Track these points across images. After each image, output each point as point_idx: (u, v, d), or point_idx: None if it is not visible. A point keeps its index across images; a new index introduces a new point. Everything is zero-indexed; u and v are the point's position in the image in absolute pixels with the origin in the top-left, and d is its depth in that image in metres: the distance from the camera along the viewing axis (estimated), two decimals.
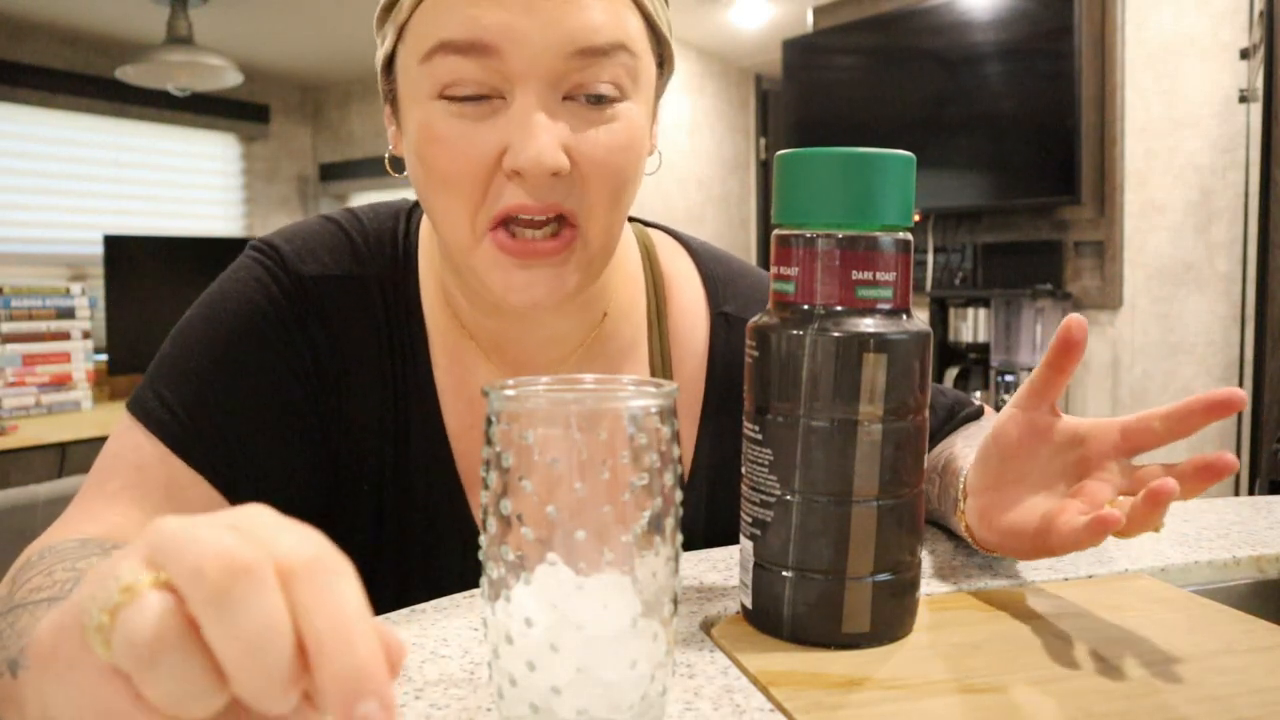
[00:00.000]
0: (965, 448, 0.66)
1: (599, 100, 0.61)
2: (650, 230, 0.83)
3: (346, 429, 0.71)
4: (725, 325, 0.78)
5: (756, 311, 0.54)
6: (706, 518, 0.77)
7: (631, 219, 0.82)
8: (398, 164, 0.70)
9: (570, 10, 0.58)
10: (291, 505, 0.68)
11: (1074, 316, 0.55)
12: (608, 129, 0.61)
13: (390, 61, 0.66)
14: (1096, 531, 0.49)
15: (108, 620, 0.27)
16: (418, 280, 0.73)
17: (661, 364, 0.77)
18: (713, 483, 0.77)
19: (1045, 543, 0.54)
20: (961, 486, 0.63)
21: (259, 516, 0.30)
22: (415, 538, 0.73)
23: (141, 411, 0.66)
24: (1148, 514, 0.49)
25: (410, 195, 0.75)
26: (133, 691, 0.28)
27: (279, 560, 0.28)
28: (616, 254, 0.75)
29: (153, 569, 0.28)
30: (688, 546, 0.73)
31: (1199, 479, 0.50)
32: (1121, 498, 0.54)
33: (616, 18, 0.60)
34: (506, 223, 0.62)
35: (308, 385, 0.70)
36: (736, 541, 0.71)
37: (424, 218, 0.76)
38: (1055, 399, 0.57)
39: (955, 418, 0.82)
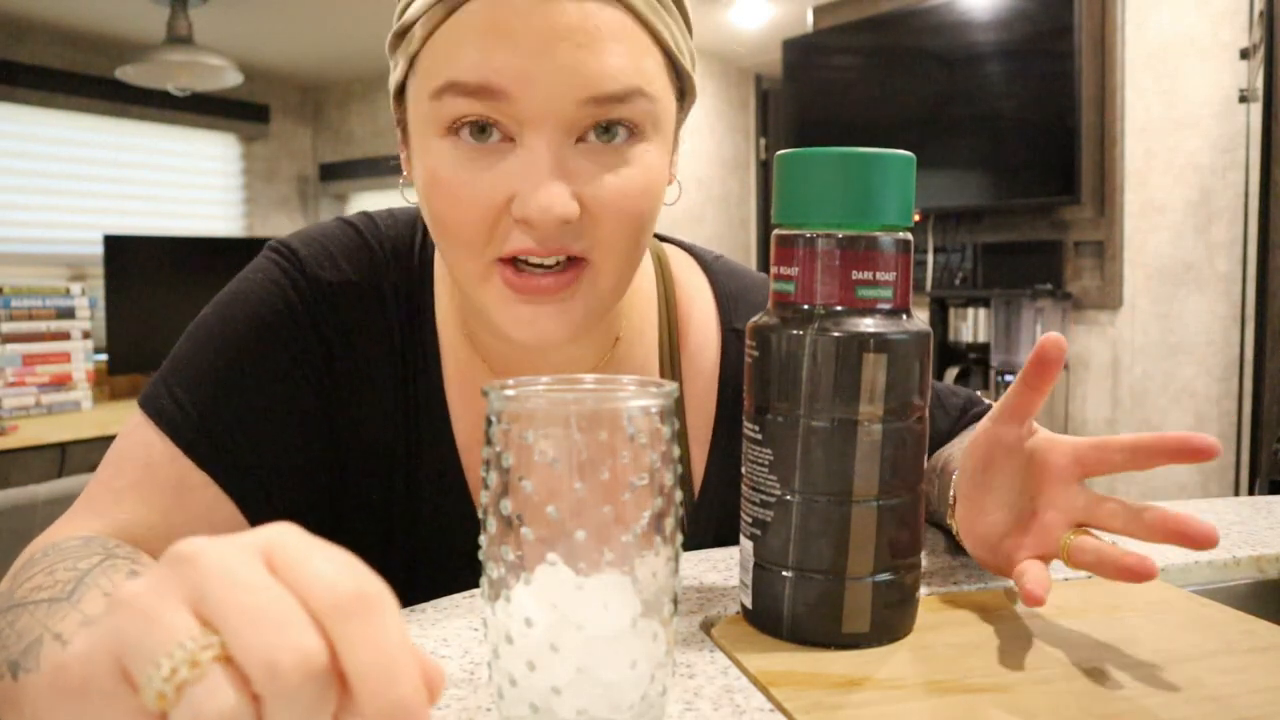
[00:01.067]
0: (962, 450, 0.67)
1: (612, 136, 0.59)
2: (665, 245, 0.82)
3: (357, 436, 0.71)
4: (737, 342, 0.77)
5: None
6: (716, 535, 0.76)
7: None
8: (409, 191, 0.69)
9: (585, 56, 0.56)
10: (300, 509, 0.68)
11: (1051, 335, 0.55)
12: (622, 174, 0.59)
13: (401, 90, 0.65)
14: (1028, 602, 0.52)
15: (172, 693, 0.27)
16: (433, 292, 0.73)
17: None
18: (724, 501, 0.76)
19: (1005, 572, 0.58)
20: (952, 491, 0.63)
21: (292, 541, 0.30)
22: (424, 547, 0.73)
23: (154, 409, 0.66)
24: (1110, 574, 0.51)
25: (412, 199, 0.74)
26: None
27: (323, 596, 0.28)
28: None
29: (205, 624, 0.28)
30: None
31: (1164, 538, 0.51)
32: (1072, 537, 0.54)
33: (634, 63, 0.58)
34: (514, 260, 0.60)
35: (321, 391, 0.69)
36: None
37: None
38: (1030, 415, 0.57)
39: (966, 416, 0.82)
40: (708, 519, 0.76)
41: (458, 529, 0.73)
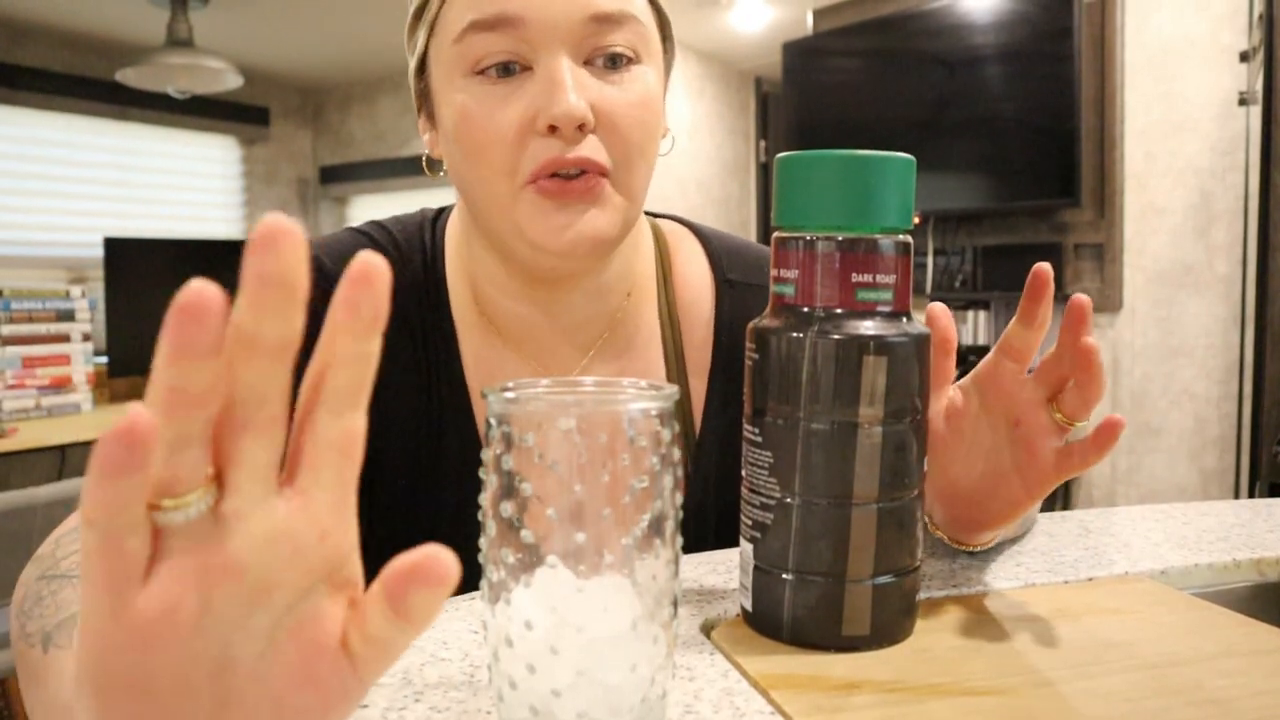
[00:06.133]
0: None
1: (615, 61, 0.67)
2: (656, 219, 0.87)
3: (383, 427, 0.73)
4: (730, 290, 0.82)
5: (760, 279, 0.55)
6: (718, 481, 0.79)
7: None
8: (434, 164, 0.75)
9: None
10: None
11: (937, 305, 0.59)
12: (626, 88, 0.67)
13: (422, 63, 0.71)
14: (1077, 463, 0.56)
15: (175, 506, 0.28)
16: (446, 285, 0.77)
17: (672, 336, 0.81)
18: (722, 448, 0.80)
19: (1032, 486, 0.59)
20: None
21: None
22: (455, 529, 0.74)
23: None
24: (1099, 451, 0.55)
25: (418, 200, 0.76)
26: None
27: None
28: (635, 233, 0.79)
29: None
30: (701, 512, 0.77)
31: (1100, 449, 0.55)
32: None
33: None
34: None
35: None
36: None
37: (449, 224, 0.79)
38: (946, 389, 0.61)
39: None
40: (708, 465, 0.79)
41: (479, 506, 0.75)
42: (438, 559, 0.29)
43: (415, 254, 0.77)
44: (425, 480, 0.75)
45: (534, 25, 0.64)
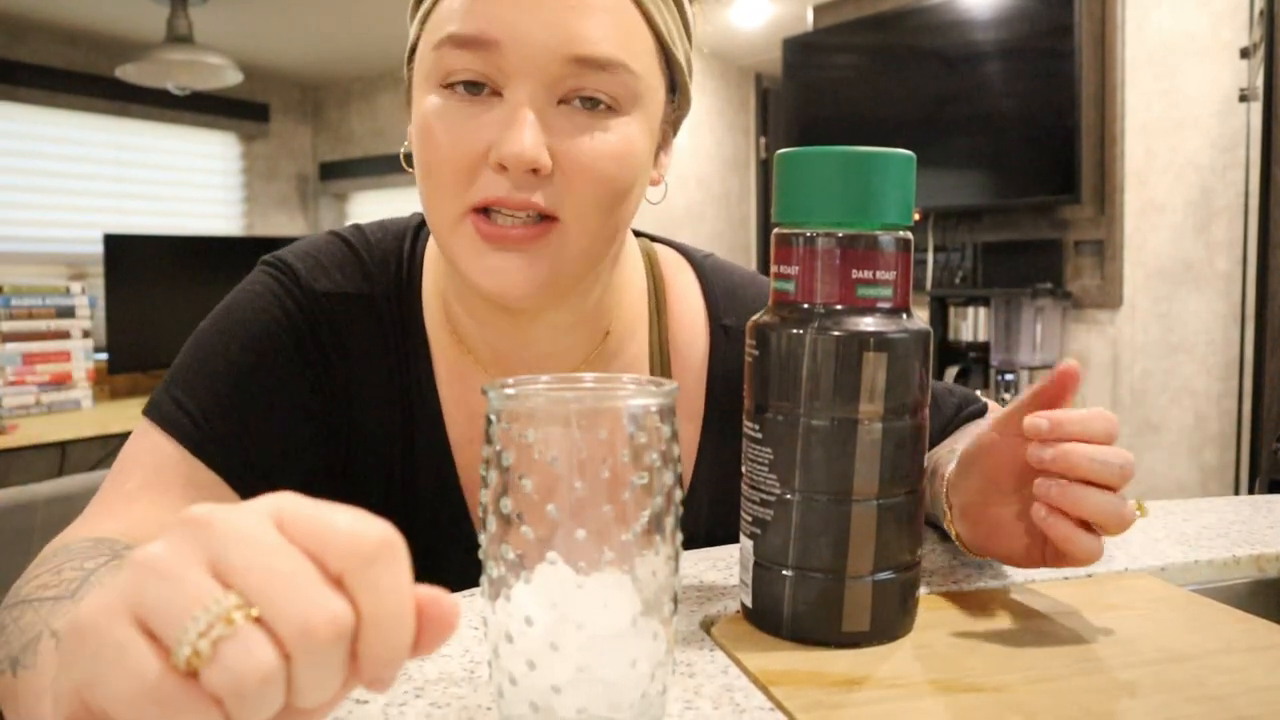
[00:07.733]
0: (953, 453, 0.66)
1: (593, 106, 0.61)
2: (655, 245, 0.83)
3: (356, 438, 0.73)
4: (725, 338, 0.78)
5: None
6: (707, 531, 0.77)
7: (638, 234, 0.82)
8: (410, 159, 0.71)
9: (573, 17, 0.59)
10: None
11: (1070, 364, 0.55)
12: (598, 138, 0.61)
13: (413, 53, 0.68)
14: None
15: (208, 649, 0.27)
16: (421, 298, 0.75)
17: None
18: (714, 497, 0.77)
19: (1044, 558, 0.57)
20: (945, 494, 0.63)
21: (297, 503, 0.31)
22: (420, 543, 0.73)
23: (159, 415, 0.67)
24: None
25: (418, 197, 0.75)
26: (196, 686, 0.28)
27: (345, 546, 0.29)
28: (621, 272, 0.75)
29: (224, 582, 0.28)
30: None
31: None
32: None
33: (622, 34, 0.61)
34: (486, 210, 0.62)
35: (320, 395, 0.71)
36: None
37: (430, 238, 0.77)
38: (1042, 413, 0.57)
39: (959, 416, 0.82)
40: (698, 514, 0.77)
41: (449, 523, 0.74)
42: None
43: (390, 263, 0.75)
44: (399, 491, 0.74)
45: (510, 52, 0.59)
